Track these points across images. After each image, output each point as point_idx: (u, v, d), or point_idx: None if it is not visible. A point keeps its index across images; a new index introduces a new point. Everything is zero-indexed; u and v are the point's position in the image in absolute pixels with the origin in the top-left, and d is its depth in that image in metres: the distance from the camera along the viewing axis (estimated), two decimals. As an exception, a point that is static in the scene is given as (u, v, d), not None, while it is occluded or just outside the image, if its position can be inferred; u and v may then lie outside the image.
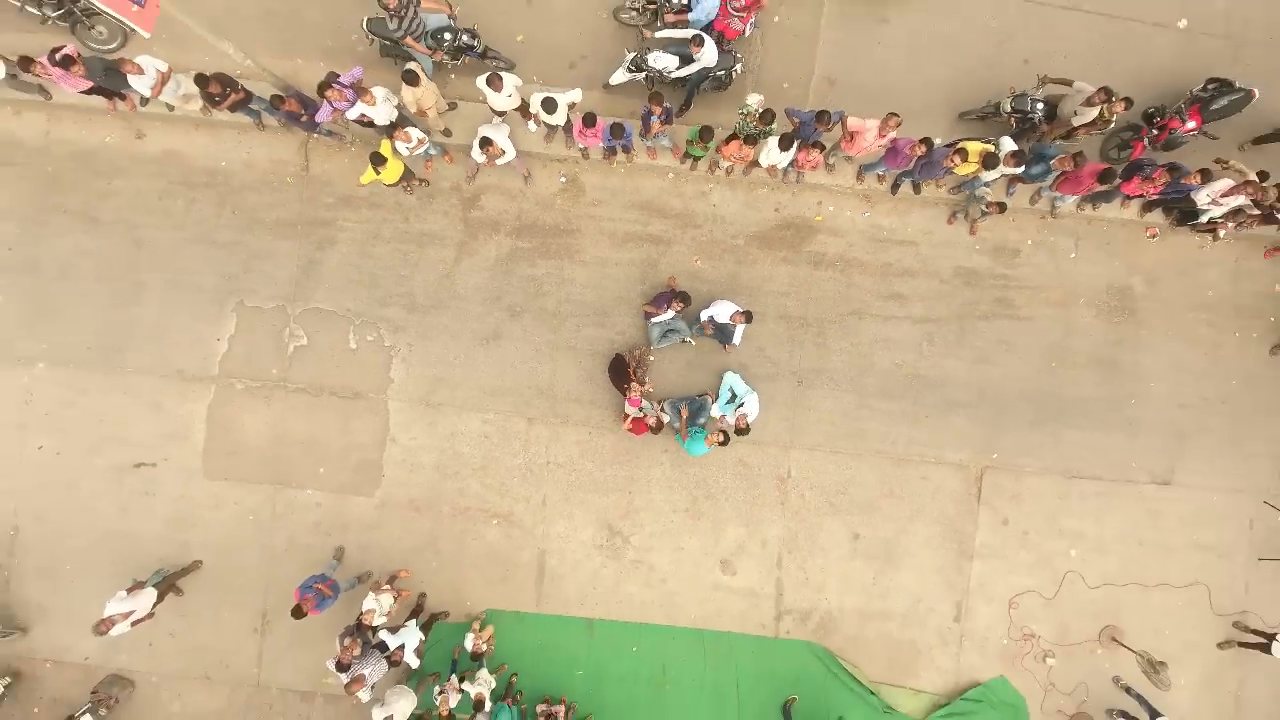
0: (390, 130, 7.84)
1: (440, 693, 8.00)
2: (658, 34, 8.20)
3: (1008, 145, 7.69)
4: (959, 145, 7.59)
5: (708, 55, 7.88)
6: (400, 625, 8.11)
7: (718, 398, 8.69)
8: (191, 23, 6.89)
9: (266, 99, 8.04)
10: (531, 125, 8.07)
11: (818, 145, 7.87)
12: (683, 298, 8.23)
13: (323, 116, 7.56)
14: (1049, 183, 8.31)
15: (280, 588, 8.83)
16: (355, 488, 8.98)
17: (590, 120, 7.46)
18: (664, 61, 7.97)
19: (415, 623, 8.19)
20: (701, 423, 8.48)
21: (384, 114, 7.72)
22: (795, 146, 7.79)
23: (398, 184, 8.15)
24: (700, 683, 9.05)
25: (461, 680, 8.16)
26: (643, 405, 8.39)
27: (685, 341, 8.79)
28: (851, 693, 8.99)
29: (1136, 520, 9.24)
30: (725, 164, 8.61)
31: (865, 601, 9.13)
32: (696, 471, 9.03)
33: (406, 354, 8.98)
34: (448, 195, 8.98)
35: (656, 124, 7.81)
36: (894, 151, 7.98)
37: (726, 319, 8.22)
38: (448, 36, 7.94)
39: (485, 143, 7.80)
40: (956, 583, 9.16)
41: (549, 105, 7.40)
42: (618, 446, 9.03)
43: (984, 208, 8.58)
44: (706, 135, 8.07)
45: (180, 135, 8.92)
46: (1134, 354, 9.24)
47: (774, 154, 7.87)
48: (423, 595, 8.88)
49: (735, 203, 9.11)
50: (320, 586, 7.88)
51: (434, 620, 8.75)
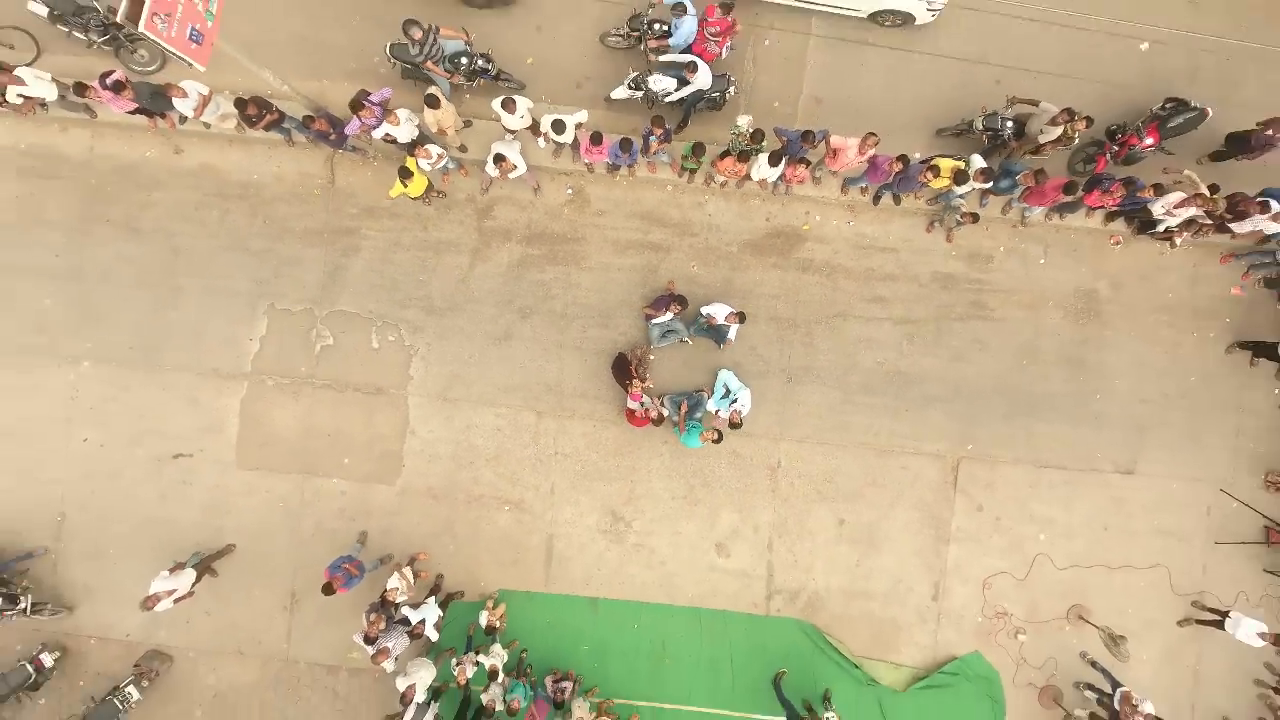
0: (412, 148, 8.53)
1: (457, 665, 8.66)
2: (661, 58, 8.87)
3: (977, 163, 8.39)
4: (932, 162, 8.30)
5: (702, 78, 8.57)
6: (421, 602, 8.79)
7: (713, 393, 9.32)
8: (232, 50, 7.55)
9: (298, 119, 8.73)
10: (541, 142, 8.76)
11: (804, 161, 8.58)
12: (681, 301, 8.89)
13: (352, 129, 8.24)
14: (1016, 195, 9.01)
15: (308, 569, 9.49)
16: (378, 477, 9.65)
17: (597, 139, 8.16)
18: (663, 84, 8.66)
19: (434, 600, 8.88)
20: (698, 417, 9.15)
21: (406, 133, 8.42)
22: (784, 162, 8.49)
23: (422, 196, 8.82)
24: (697, 657, 9.71)
25: (477, 654, 8.82)
26: (643, 400, 9.03)
27: (683, 341, 9.45)
28: (837, 666, 9.65)
29: (1102, 507, 9.92)
30: (720, 178, 9.30)
31: (849, 582, 9.81)
32: (693, 461, 9.71)
33: (425, 353, 9.66)
34: (463, 206, 9.67)
35: (655, 142, 8.50)
36: (874, 167, 8.70)
37: (722, 319, 8.90)
38: (464, 61, 8.62)
39: (499, 158, 8.49)
40: (934, 564, 9.85)
41: (558, 126, 8.10)
42: (620, 438, 9.70)
43: (959, 217, 9.24)
44: (699, 150, 8.71)
45: (215, 151, 9.60)
46: (1099, 353, 9.93)
47: (764, 169, 8.58)
48: (440, 576, 9.54)
49: (729, 213, 9.81)
50: (348, 566, 8.55)
51: (450, 599, 9.43)
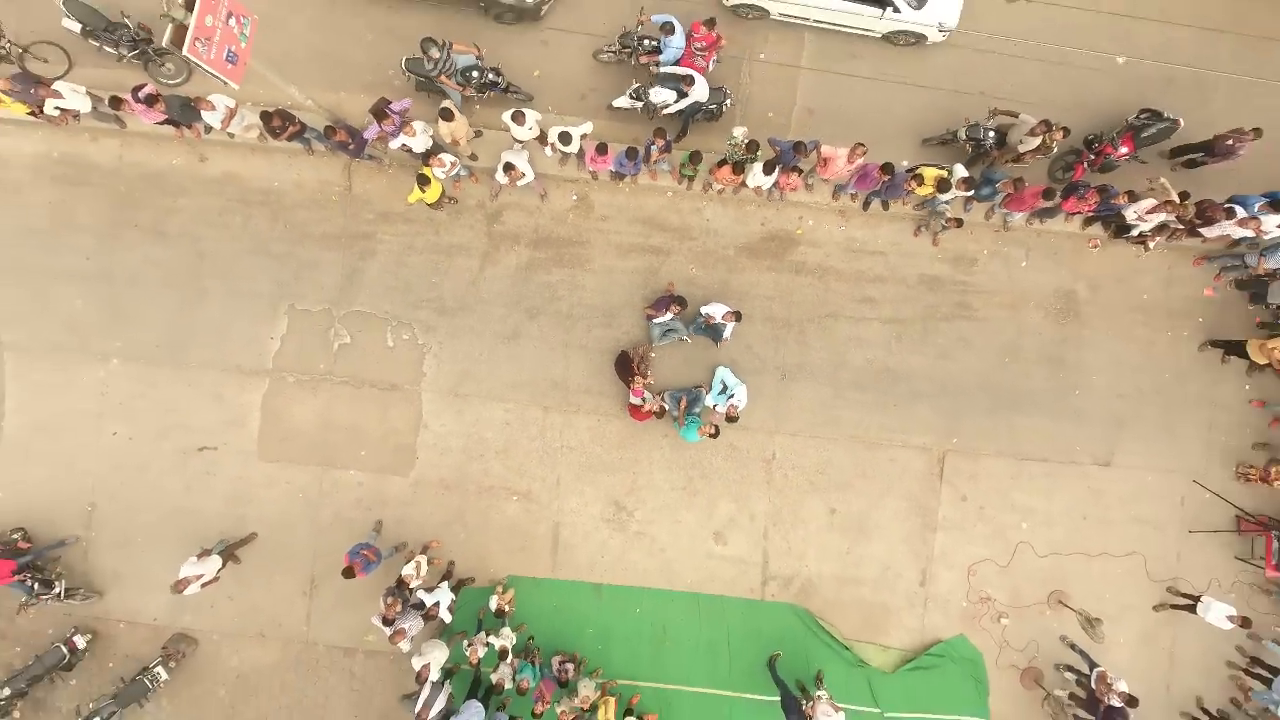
0: (426, 157, 9.04)
1: (469, 646, 9.18)
2: (661, 70, 9.37)
3: (959, 172, 8.91)
4: (917, 171, 8.82)
5: (700, 91, 9.09)
6: (434, 587, 9.29)
7: (711, 389, 9.82)
8: (261, 68, 8.06)
9: (319, 129, 9.23)
10: (548, 151, 9.27)
11: (796, 169, 9.06)
12: (680, 301, 9.39)
13: (370, 134, 8.76)
14: (998, 201, 9.52)
15: (326, 556, 9.99)
16: (392, 468, 10.15)
17: (603, 149, 8.67)
18: (662, 96, 9.16)
19: (446, 584, 9.38)
20: (697, 411, 9.65)
21: (421, 143, 8.94)
22: (777, 170, 9.01)
23: (437, 202, 9.32)
24: (696, 640, 10.19)
25: (487, 636, 9.32)
26: (645, 396, 9.53)
27: (682, 340, 9.95)
28: (829, 648, 10.14)
29: (1080, 497, 10.42)
30: (717, 185, 9.80)
31: (841, 568, 10.31)
32: (692, 454, 10.20)
33: (437, 351, 10.16)
34: (473, 212, 10.18)
35: (656, 152, 9.00)
36: (863, 175, 9.20)
37: (719, 318, 9.40)
38: (475, 74, 9.13)
39: (508, 167, 8.99)
40: (921, 552, 10.35)
41: (564, 138, 8.61)
42: (623, 432, 10.20)
43: (944, 222, 9.78)
44: (696, 158, 9.18)
45: (238, 159, 10.10)
46: (1078, 351, 10.44)
47: (759, 177, 9.09)
48: (451, 563, 10.04)
49: (726, 218, 10.31)
50: (366, 553, 9.05)
51: (462, 585, 9.92)
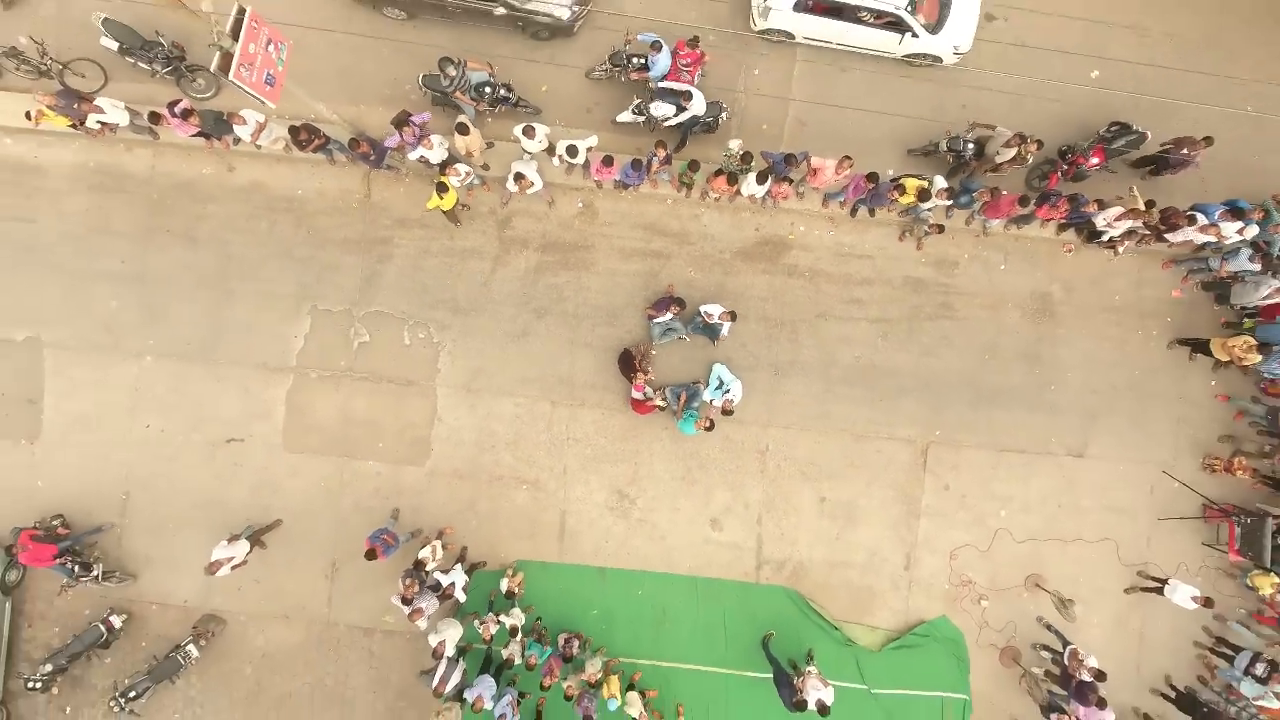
0: (442, 167, 9.67)
1: (481, 624, 9.79)
2: (660, 85, 10.00)
3: (940, 183, 9.56)
4: (900, 181, 9.46)
5: (697, 105, 9.74)
6: (449, 569, 9.91)
7: (708, 384, 10.45)
8: (293, 87, 8.68)
9: (342, 142, 9.85)
10: (556, 162, 9.89)
11: (788, 179, 9.72)
12: (679, 302, 10.02)
13: (391, 144, 9.40)
14: (976, 209, 10.16)
15: (347, 542, 10.59)
16: (409, 459, 10.76)
17: (609, 161, 9.30)
18: (663, 110, 9.81)
19: (460, 567, 10.00)
20: (695, 406, 10.27)
21: (438, 155, 9.58)
22: (770, 180, 9.65)
23: (451, 213, 9.96)
24: (694, 621, 10.78)
25: (498, 616, 9.95)
26: (646, 391, 10.14)
27: (681, 339, 10.56)
28: (819, 629, 10.75)
29: (1056, 486, 11.05)
30: (714, 194, 10.44)
31: (830, 553, 10.92)
32: (690, 446, 10.82)
33: (451, 348, 10.78)
34: (485, 218, 10.81)
35: (657, 163, 9.64)
36: (850, 184, 9.84)
37: (716, 318, 10.02)
38: (488, 90, 9.77)
39: (518, 176, 9.63)
40: (906, 538, 10.97)
41: (572, 151, 9.25)
42: (626, 425, 10.82)
43: (927, 228, 10.41)
44: (694, 167, 9.80)
45: (264, 168, 10.73)
46: (1054, 349, 11.08)
47: (753, 186, 9.72)
48: (464, 548, 10.64)
49: (723, 224, 10.95)
50: (386, 537, 9.67)
51: (474, 569, 10.52)
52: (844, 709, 10.05)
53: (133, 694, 9.91)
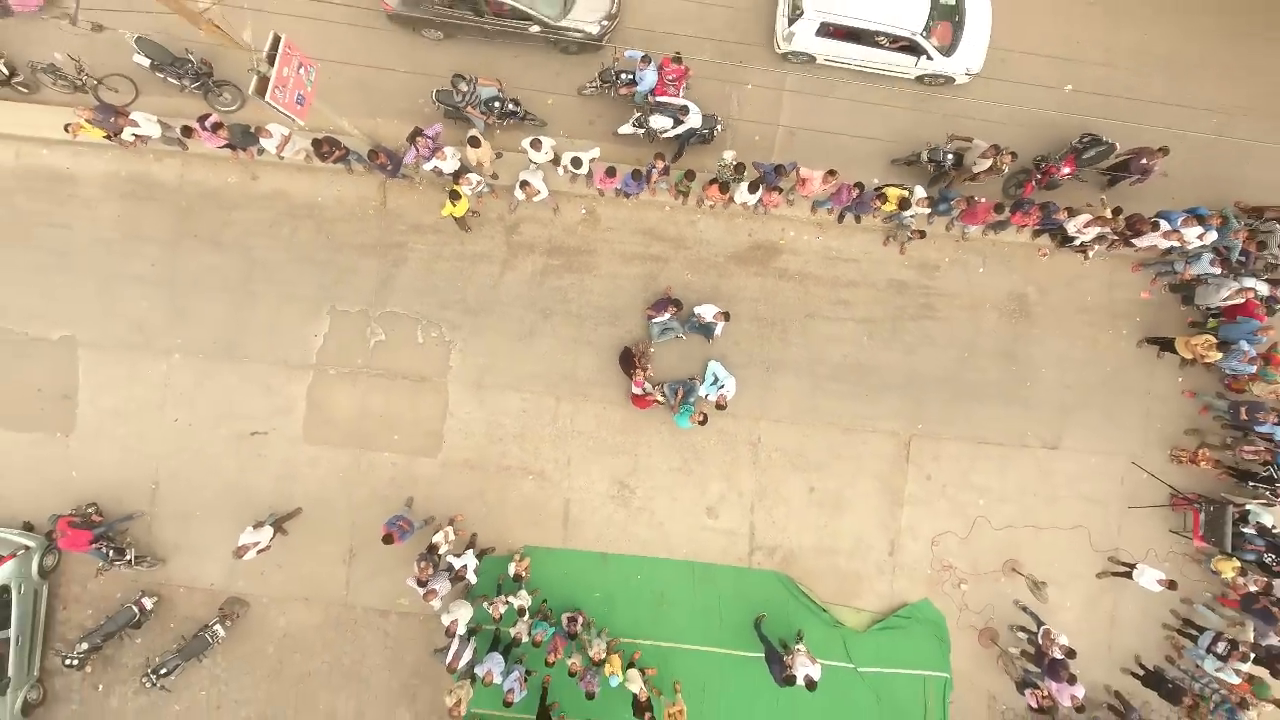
0: (455, 176, 10.32)
1: (490, 605, 10.42)
2: (657, 100, 10.65)
3: (919, 192, 10.21)
4: (882, 190, 10.12)
5: (693, 118, 10.39)
6: (461, 553, 10.54)
7: (704, 381, 11.09)
8: (318, 103, 9.32)
9: (361, 153, 10.49)
10: (560, 172, 10.55)
11: (778, 188, 10.36)
12: (677, 303, 10.67)
13: (409, 159, 10.03)
14: (954, 216, 10.81)
15: (364, 529, 11.21)
16: (422, 451, 11.38)
17: (611, 172, 9.94)
18: (661, 123, 10.45)
19: (471, 551, 10.64)
20: (691, 401, 10.91)
21: (450, 166, 10.23)
22: (761, 189, 10.30)
23: (463, 221, 10.60)
24: (691, 603, 11.39)
25: (506, 597, 10.56)
26: (645, 387, 10.77)
27: (679, 337, 11.19)
28: (808, 611, 11.37)
29: (1031, 477, 11.68)
30: (709, 201, 11.10)
31: (819, 540, 11.56)
32: (687, 438, 11.45)
33: (462, 347, 11.40)
34: (494, 224, 11.45)
35: (656, 173, 10.30)
36: (837, 192, 10.50)
37: (710, 318, 10.66)
38: (497, 104, 10.43)
39: (524, 185, 10.26)
40: (890, 525, 11.59)
41: (576, 162, 9.91)
42: (626, 419, 11.44)
43: (910, 234, 11.05)
44: (690, 176, 10.49)
45: (286, 177, 11.36)
46: (1029, 347, 11.71)
47: (745, 195, 10.39)
48: (474, 535, 11.23)
49: (717, 229, 11.60)
50: (401, 523, 10.30)
51: (483, 554, 11.13)
52: (831, 687, 10.71)
53: (163, 671, 10.52)
